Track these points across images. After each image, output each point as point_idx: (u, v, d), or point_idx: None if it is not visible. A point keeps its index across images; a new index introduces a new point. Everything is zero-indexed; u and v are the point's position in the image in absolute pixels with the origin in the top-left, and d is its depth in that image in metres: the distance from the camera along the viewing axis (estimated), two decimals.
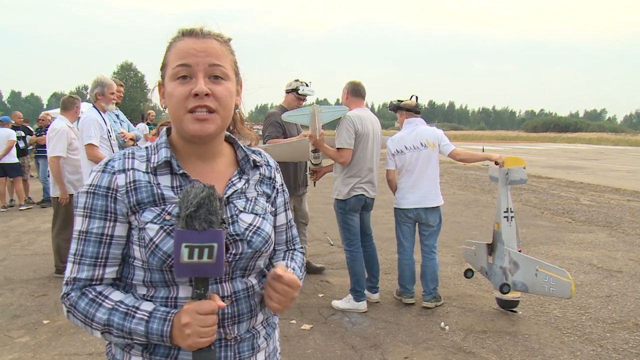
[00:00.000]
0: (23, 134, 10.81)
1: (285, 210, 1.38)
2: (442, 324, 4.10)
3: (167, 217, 1.12)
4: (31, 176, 12.19)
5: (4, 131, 9.84)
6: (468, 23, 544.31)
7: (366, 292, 4.51)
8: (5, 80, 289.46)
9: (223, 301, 1.12)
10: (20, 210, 9.61)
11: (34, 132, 11.14)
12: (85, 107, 5.64)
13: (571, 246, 6.80)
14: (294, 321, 4.13)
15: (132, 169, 1.15)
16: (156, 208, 1.13)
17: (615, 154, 29.88)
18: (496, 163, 4.25)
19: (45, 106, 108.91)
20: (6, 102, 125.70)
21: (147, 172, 1.16)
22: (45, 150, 7.86)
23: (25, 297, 4.70)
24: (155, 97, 1.25)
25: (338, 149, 4.32)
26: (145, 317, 1.08)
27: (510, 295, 4.19)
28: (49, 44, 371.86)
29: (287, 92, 5.13)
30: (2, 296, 4.71)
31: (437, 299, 4.49)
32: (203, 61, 1.13)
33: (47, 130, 7.34)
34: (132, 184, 1.13)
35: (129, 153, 1.19)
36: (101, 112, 4.93)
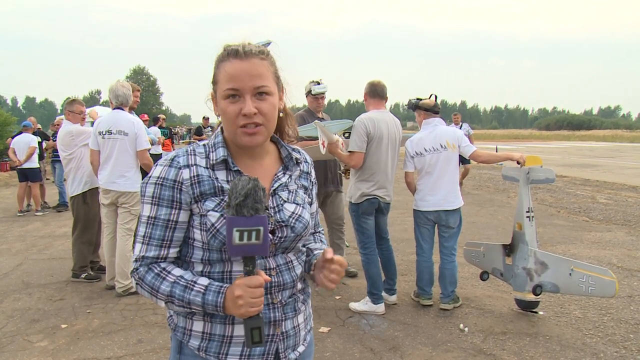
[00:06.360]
0: (40, 140, 10.91)
1: (315, 201, 1.60)
2: (461, 325, 4.05)
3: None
4: (47, 179, 12.33)
5: (25, 137, 9.96)
6: (479, 22, 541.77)
7: (383, 294, 4.47)
8: (20, 86, 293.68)
9: (269, 273, 1.34)
10: (37, 215, 9.69)
11: (51, 137, 11.25)
12: (103, 112, 5.67)
13: (589, 245, 6.71)
14: None
15: (195, 164, 1.34)
16: (216, 198, 1.32)
17: (631, 151, 29.50)
18: (518, 162, 4.20)
19: (59, 111, 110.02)
20: (21, 107, 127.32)
21: (207, 168, 1.34)
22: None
23: (43, 301, 4.73)
24: (165, 101, 1.30)
25: (349, 152, 4.30)
26: (202, 290, 1.27)
27: (532, 296, 4.12)
28: (63, 50, 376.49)
29: (306, 95, 5.30)
30: (20, 300, 4.75)
31: (455, 301, 4.44)
32: (249, 84, 1.29)
33: None
34: (195, 178, 1.32)
35: (190, 150, 1.37)
36: None
